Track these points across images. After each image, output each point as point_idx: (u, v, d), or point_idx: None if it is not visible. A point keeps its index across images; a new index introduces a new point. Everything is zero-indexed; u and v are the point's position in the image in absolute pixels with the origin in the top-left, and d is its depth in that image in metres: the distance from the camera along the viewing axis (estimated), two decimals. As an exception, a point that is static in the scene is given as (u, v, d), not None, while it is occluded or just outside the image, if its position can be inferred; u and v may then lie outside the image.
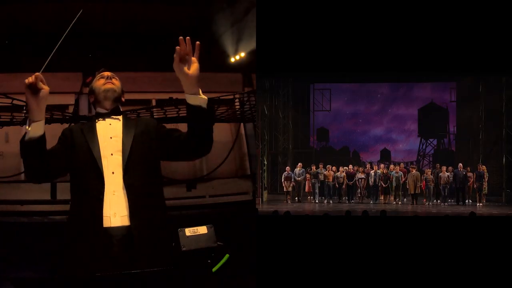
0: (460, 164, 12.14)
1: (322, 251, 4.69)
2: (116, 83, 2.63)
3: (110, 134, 2.51)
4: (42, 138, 2.30)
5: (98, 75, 2.68)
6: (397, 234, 4.84)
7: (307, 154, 15.44)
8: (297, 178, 12.65)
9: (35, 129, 2.28)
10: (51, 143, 2.42)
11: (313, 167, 12.70)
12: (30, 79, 2.21)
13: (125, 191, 2.40)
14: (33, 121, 2.28)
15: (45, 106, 2.29)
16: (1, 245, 6.01)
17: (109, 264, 2.29)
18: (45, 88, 2.24)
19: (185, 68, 2.27)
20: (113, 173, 2.42)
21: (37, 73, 2.23)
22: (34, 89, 2.22)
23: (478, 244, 4.65)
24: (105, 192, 2.39)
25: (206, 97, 2.35)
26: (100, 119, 2.57)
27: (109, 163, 2.43)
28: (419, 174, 12.05)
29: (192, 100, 2.33)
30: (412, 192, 11.92)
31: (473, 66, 7.33)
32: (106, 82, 2.61)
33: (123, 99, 2.68)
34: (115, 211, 2.38)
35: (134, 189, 2.41)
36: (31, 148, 2.30)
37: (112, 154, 2.46)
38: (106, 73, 2.66)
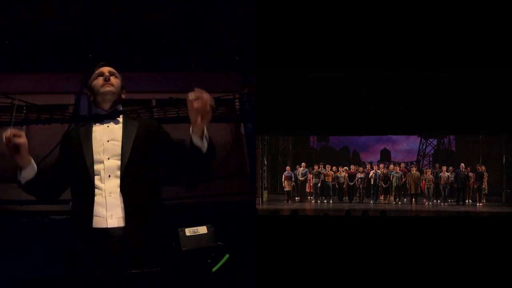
0: (463, 164, 12.16)
1: (322, 251, 4.69)
2: (115, 83, 2.62)
3: (107, 137, 2.50)
4: (37, 176, 2.42)
5: (97, 71, 2.67)
6: (397, 234, 4.83)
7: (307, 154, 15.43)
8: (300, 178, 12.65)
9: (27, 174, 2.40)
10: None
11: (316, 167, 12.70)
12: (6, 136, 2.28)
13: (121, 193, 2.41)
14: (22, 169, 2.39)
15: (27, 152, 2.37)
16: (1, 245, 6.01)
17: (108, 265, 2.29)
18: (22, 141, 2.32)
19: (199, 118, 2.29)
20: (109, 176, 2.43)
21: (8, 130, 2.28)
22: (12, 144, 2.30)
23: (478, 244, 4.65)
24: (101, 194, 2.40)
25: (207, 140, 2.38)
26: (97, 122, 2.56)
27: (105, 167, 2.43)
28: (420, 174, 12.06)
29: (195, 141, 2.38)
30: (413, 192, 11.93)
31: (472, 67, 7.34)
32: (104, 84, 2.59)
33: (123, 96, 2.67)
34: (112, 212, 2.39)
35: (131, 192, 2.41)
36: (32, 187, 2.44)
37: (108, 158, 2.45)
38: (106, 70, 2.64)
